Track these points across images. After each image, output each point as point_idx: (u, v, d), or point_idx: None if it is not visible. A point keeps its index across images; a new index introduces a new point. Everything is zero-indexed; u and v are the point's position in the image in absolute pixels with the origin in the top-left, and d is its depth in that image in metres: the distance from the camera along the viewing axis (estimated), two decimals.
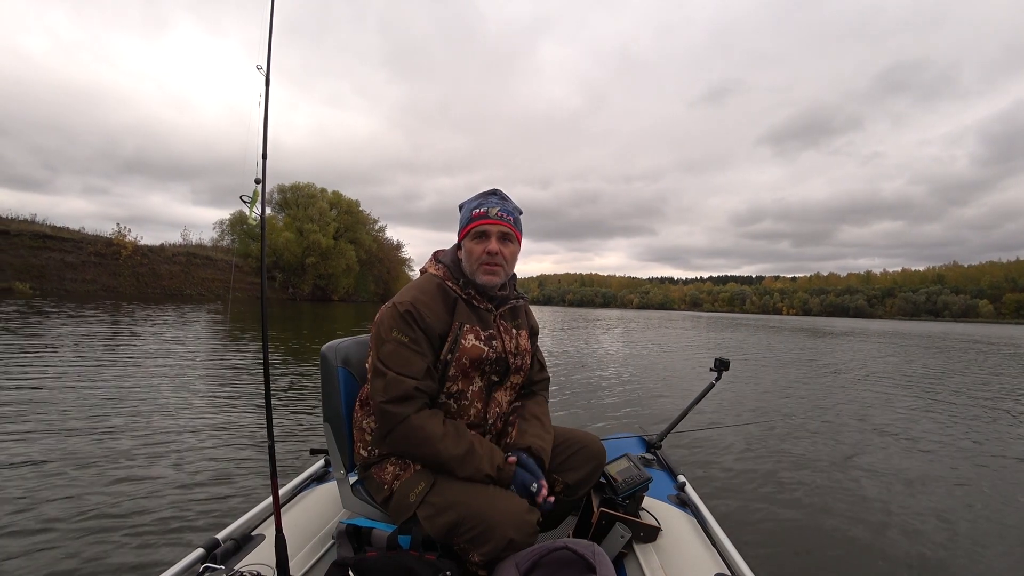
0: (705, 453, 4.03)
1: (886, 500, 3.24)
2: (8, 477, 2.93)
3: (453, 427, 1.36)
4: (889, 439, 4.80)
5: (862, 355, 14.38)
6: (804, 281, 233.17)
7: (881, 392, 7.71)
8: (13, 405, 4.43)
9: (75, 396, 4.85)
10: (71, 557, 2.15)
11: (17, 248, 29.95)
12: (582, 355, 11.27)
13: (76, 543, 2.26)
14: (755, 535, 2.69)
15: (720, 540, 1.52)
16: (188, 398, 5.07)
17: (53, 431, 3.76)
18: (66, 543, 2.25)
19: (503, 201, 1.47)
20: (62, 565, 2.09)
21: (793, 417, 5.61)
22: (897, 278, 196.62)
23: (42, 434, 3.70)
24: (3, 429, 3.77)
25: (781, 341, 19.28)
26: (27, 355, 7.01)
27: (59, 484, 2.87)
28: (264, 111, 1.31)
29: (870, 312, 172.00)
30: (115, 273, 34.38)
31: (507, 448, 1.47)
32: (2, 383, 5.23)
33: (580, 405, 5.84)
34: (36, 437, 3.63)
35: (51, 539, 2.28)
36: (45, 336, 9.24)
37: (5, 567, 2.05)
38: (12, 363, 6.34)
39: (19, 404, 4.48)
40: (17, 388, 5.06)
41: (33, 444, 3.49)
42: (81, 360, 6.88)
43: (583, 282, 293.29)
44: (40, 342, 8.40)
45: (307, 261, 48.53)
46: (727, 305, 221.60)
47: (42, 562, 2.10)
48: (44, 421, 4.01)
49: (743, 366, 10.43)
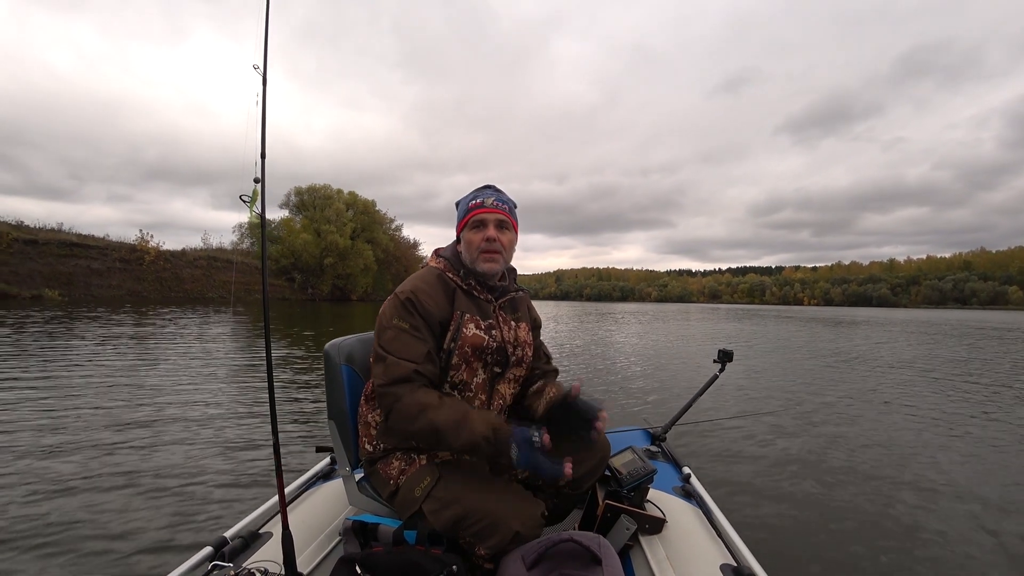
0: (710, 445, 4.02)
1: (894, 493, 3.20)
2: (18, 473, 3.00)
3: (449, 398, 1.37)
4: (900, 430, 4.74)
5: (878, 344, 14.15)
6: (825, 271, 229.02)
7: (895, 381, 7.58)
8: (26, 402, 4.56)
9: (87, 395, 4.96)
10: (79, 555, 2.18)
11: (46, 256, 30.85)
12: (587, 348, 11.27)
13: (84, 542, 2.28)
14: (761, 526, 2.69)
15: (726, 531, 1.51)
16: (194, 397, 5.14)
17: (62, 429, 3.84)
18: (74, 541, 2.28)
19: (498, 192, 1.51)
20: (70, 563, 2.12)
21: (800, 408, 5.58)
22: (922, 265, 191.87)
23: (52, 432, 3.78)
24: (13, 425, 3.88)
25: (793, 331, 19.03)
26: (50, 356, 7.20)
27: (65, 481, 2.92)
28: (262, 111, 1.32)
29: (894, 301, 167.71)
30: (139, 278, 35.22)
31: (548, 404, 1.44)
32: (14, 381, 5.37)
33: (585, 397, 5.80)
34: (44, 434, 3.71)
35: (59, 537, 2.31)
36: (72, 339, 9.49)
37: (14, 563, 2.09)
38: (32, 364, 6.52)
39: (30, 401, 4.61)
40: (32, 388, 5.19)
41: (43, 440, 3.57)
42: (93, 360, 7.06)
43: (600, 276, 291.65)
44: (66, 344, 8.63)
45: (325, 262, 49.12)
46: (747, 297, 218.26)
47: (51, 559, 2.13)
48: (51, 419, 4.10)
49: (751, 357, 10.35)
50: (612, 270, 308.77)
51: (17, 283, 28.04)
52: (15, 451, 3.40)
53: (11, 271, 28.44)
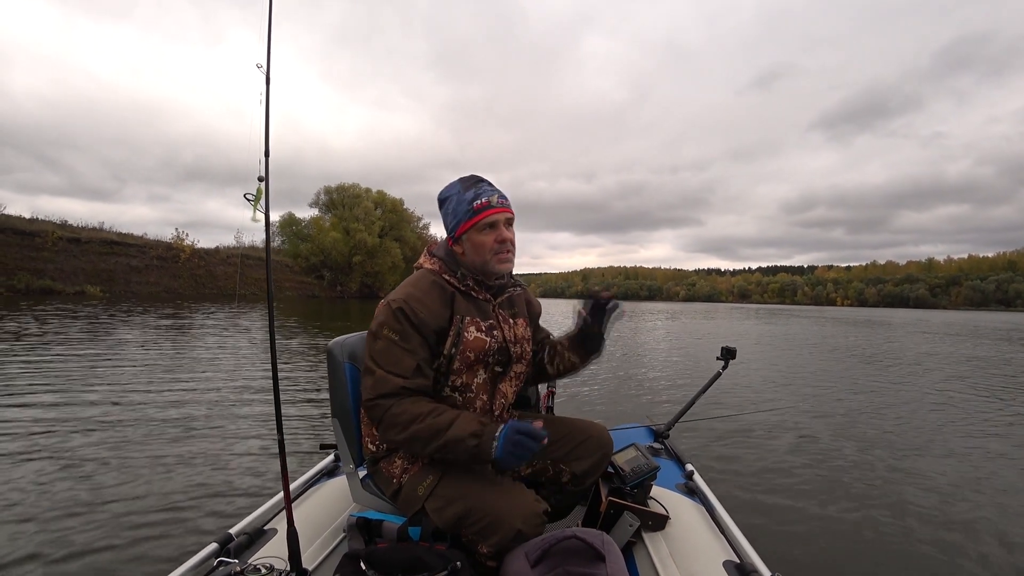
0: (714, 442, 4.01)
1: (899, 491, 3.16)
2: (25, 470, 3.05)
3: (439, 406, 1.35)
4: (908, 427, 4.70)
5: (892, 342, 13.77)
6: (859, 270, 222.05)
7: (913, 380, 7.42)
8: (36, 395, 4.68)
9: (94, 393, 5.03)
10: (85, 552, 2.18)
11: (88, 254, 32.14)
12: None
13: (90, 537, 2.30)
14: (764, 523, 2.67)
15: (729, 528, 1.51)
16: (201, 394, 5.18)
17: (67, 427, 3.88)
18: (80, 538, 2.29)
19: (493, 186, 1.45)
20: (76, 560, 2.13)
21: (806, 406, 5.53)
22: (963, 265, 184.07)
23: (59, 426, 3.86)
24: (25, 420, 3.98)
25: (815, 330, 18.51)
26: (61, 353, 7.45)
27: (71, 478, 2.95)
28: (265, 109, 1.33)
29: (933, 302, 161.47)
30: (175, 275, 36.37)
31: (560, 349, 1.60)
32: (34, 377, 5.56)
33: (587, 395, 5.83)
34: (50, 431, 3.76)
35: (65, 534, 2.32)
36: (96, 333, 9.82)
37: (20, 557, 2.12)
38: (43, 359, 6.76)
39: (45, 394, 4.73)
40: (48, 388, 5.35)
41: (50, 437, 3.61)
42: (106, 354, 7.25)
43: (627, 275, 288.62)
44: (80, 338, 8.92)
45: (354, 260, 49.87)
46: (777, 296, 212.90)
47: (56, 556, 2.15)
48: (56, 417, 4.15)
49: (759, 355, 10.26)
50: (639, 269, 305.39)
51: (62, 279, 29.28)
52: (12, 447, 3.43)
53: (57, 268, 29.71)
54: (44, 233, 30.38)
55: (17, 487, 2.82)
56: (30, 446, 3.45)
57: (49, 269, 29.27)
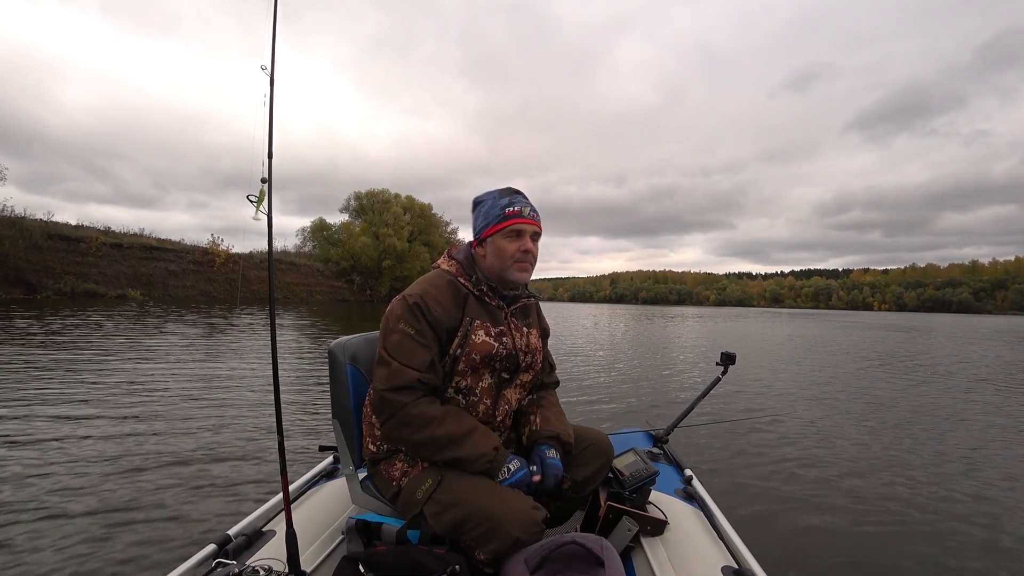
0: (712, 447, 3.98)
1: (898, 497, 3.12)
2: (23, 469, 3.05)
3: (454, 410, 1.37)
4: (908, 433, 4.64)
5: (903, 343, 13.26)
6: (898, 273, 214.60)
7: (923, 387, 7.20)
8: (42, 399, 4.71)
9: (94, 393, 5.09)
10: (83, 553, 2.18)
11: (129, 259, 33.39)
12: (595, 351, 11.07)
13: (89, 538, 2.29)
14: (762, 529, 2.66)
15: (727, 533, 1.50)
16: (201, 394, 5.22)
17: (67, 427, 3.92)
18: (78, 538, 2.29)
19: (528, 200, 1.48)
20: (74, 561, 2.12)
21: (807, 413, 5.42)
22: (1010, 268, 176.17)
23: (60, 425, 3.91)
24: (23, 422, 4.01)
25: (829, 333, 17.90)
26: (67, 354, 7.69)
27: (72, 477, 2.96)
28: (269, 111, 1.36)
29: (977, 307, 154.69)
30: (210, 279, 37.43)
31: (532, 436, 1.50)
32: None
33: (587, 399, 5.80)
34: (53, 430, 3.80)
35: (64, 534, 2.32)
36: (102, 336, 10.13)
37: (16, 560, 2.12)
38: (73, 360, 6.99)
39: (41, 397, 4.77)
40: (69, 392, 5.50)
41: (51, 437, 3.65)
42: (106, 357, 7.34)
43: (657, 279, 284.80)
44: (87, 341, 9.21)
45: (383, 264, 50.63)
46: (811, 301, 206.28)
47: (54, 556, 2.14)
48: (55, 416, 4.19)
49: (760, 361, 10.08)
50: (669, 273, 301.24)
51: (105, 283, 30.48)
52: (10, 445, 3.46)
53: (100, 272, 30.94)
54: (89, 239, 31.66)
55: (15, 487, 2.81)
56: (29, 446, 3.45)
57: (93, 273, 30.48)
